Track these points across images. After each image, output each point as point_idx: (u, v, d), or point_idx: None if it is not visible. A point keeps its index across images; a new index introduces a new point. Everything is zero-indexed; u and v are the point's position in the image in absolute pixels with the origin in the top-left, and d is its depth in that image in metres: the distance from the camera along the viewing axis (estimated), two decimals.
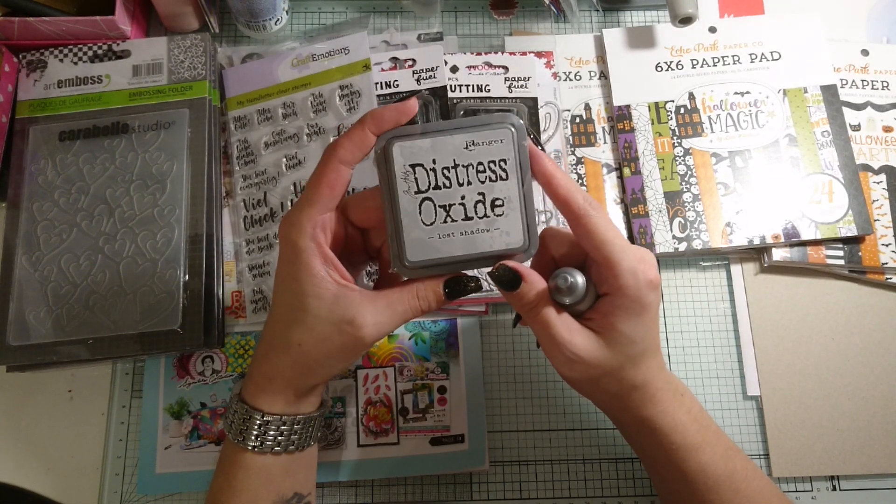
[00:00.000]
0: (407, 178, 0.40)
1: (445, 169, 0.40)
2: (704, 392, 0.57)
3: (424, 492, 0.54)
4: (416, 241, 0.40)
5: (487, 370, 0.57)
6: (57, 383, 0.56)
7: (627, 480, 0.54)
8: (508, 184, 0.40)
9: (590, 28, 0.66)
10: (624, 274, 0.39)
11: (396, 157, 0.40)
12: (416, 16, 0.66)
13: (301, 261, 0.40)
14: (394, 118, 0.40)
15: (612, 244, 0.39)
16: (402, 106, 0.40)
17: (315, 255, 0.40)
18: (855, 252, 0.58)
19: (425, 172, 0.40)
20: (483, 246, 0.40)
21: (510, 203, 0.40)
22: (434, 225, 0.40)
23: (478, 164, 0.40)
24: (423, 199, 0.40)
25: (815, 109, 0.61)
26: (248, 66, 0.62)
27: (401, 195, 0.40)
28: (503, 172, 0.40)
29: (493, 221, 0.40)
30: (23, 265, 0.55)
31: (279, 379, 0.42)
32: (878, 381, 0.56)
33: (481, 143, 0.40)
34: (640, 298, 0.40)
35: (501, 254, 0.40)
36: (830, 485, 0.55)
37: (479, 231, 0.40)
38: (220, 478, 0.44)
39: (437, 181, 0.40)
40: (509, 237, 0.40)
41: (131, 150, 0.58)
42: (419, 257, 0.40)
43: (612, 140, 0.61)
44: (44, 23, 0.58)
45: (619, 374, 0.42)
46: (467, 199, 0.40)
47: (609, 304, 0.40)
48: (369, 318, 0.40)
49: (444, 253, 0.40)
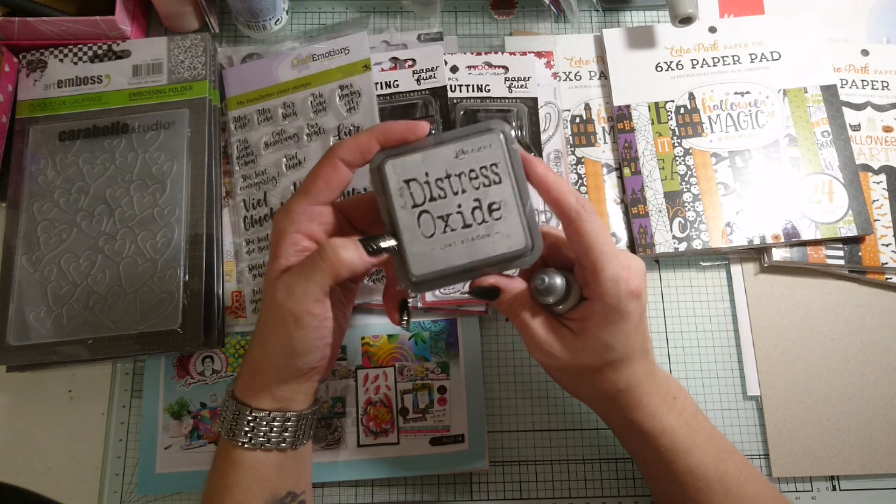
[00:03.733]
0: (402, 194, 0.40)
1: (439, 180, 0.40)
2: (704, 392, 0.57)
3: (424, 492, 0.54)
4: (418, 254, 0.40)
5: (487, 370, 0.57)
6: (57, 383, 0.56)
7: (627, 480, 0.54)
8: (503, 187, 0.40)
9: (590, 28, 0.66)
10: (606, 281, 0.39)
11: (390, 175, 0.40)
12: (416, 16, 0.66)
13: (277, 245, 0.40)
14: (402, 134, 0.40)
15: (598, 250, 0.39)
16: (414, 125, 0.41)
17: (288, 240, 0.40)
18: (855, 252, 0.58)
19: (419, 186, 0.40)
20: (486, 251, 0.40)
21: (507, 206, 0.40)
22: (434, 237, 0.40)
23: (470, 172, 0.40)
24: (421, 213, 0.40)
25: (815, 109, 0.61)
26: (248, 66, 0.62)
27: (398, 211, 0.40)
28: (496, 176, 0.40)
29: (492, 226, 0.40)
30: (23, 265, 0.55)
31: (262, 374, 0.42)
32: (878, 381, 0.56)
33: (471, 151, 0.40)
34: (620, 307, 0.40)
35: (505, 257, 0.40)
36: (830, 485, 0.55)
37: (479, 237, 0.40)
38: (214, 475, 0.44)
39: (432, 193, 0.40)
40: (510, 239, 0.40)
41: (131, 150, 0.58)
42: (424, 270, 0.40)
43: (612, 140, 0.61)
44: (44, 23, 0.58)
45: (600, 375, 0.43)
46: (464, 206, 0.40)
47: (589, 309, 0.41)
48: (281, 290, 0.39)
49: (448, 263, 0.40)
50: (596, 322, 0.40)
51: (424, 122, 0.41)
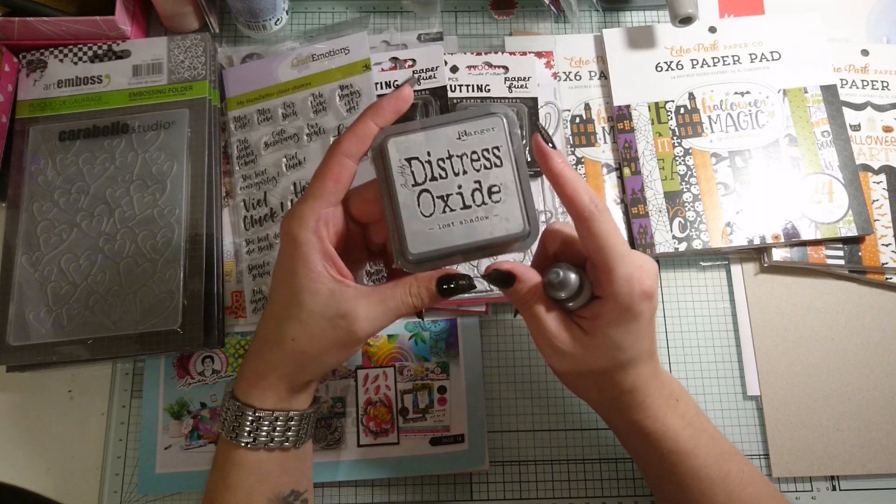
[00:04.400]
0: (403, 172, 0.40)
1: (440, 160, 0.40)
2: (704, 392, 0.57)
3: (424, 492, 0.54)
4: (416, 232, 0.40)
5: (487, 370, 0.57)
6: (57, 383, 0.56)
7: (627, 480, 0.54)
8: (503, 170, 0.40)
9: (590, 28, 0.66)
10: (618, 281, 0.39)
11: (392, 153, 0.40)
12: (416, 16, 0.66)
13: (300, 255, 0.40)
14: (393, 106, 0.40)
15: (611, 250, 0.39)
16: (399, 93, 0.40)
17: (315, 249, 0.40)
18: (855, 252, 0.58)
19: (421, 165, 0.40)
20: (484, 233, 0.40)
21: (507, 189, 0.40)
22: (433, 216, 0.40)
23: (472, 153, 0.40)
24: (421, 192, 0.40)
25: (815, 109, 0.61)
26: (248, 66, 0.62)
27: (398, 189, 0.40)
28: (497, 160, 0.40)
29: (491, 208, 0.40)
30: (23, 265, 0.55)
31: (272, 374, 0.42)
32: (878, 381, 0.56)
33: (473, 133, 0.40)
34: (632, 307, 0.39)
35: (503, 240, 0.40)
36: (830, 485, 0.55)
37: (478, 219, 0.40)
38: (215, 475, 0.43)
39: (433, 173, 0.40)
40: (509, 223, 0.40)
41: (131, 150, 0.58)
42: (421, 249, 0.40)
43: (612, 140, 0.61)
44: (44, 23, 0.58)
45: (606, 375, 0.42)
46: (464, 187, 0.40)
47: (600, 308, 0.40)
48: (362, 313, 0.40)
49: (445, 243, 0.40)
50: (607, 321, 0.40)
51: (406, 86, 0.41)
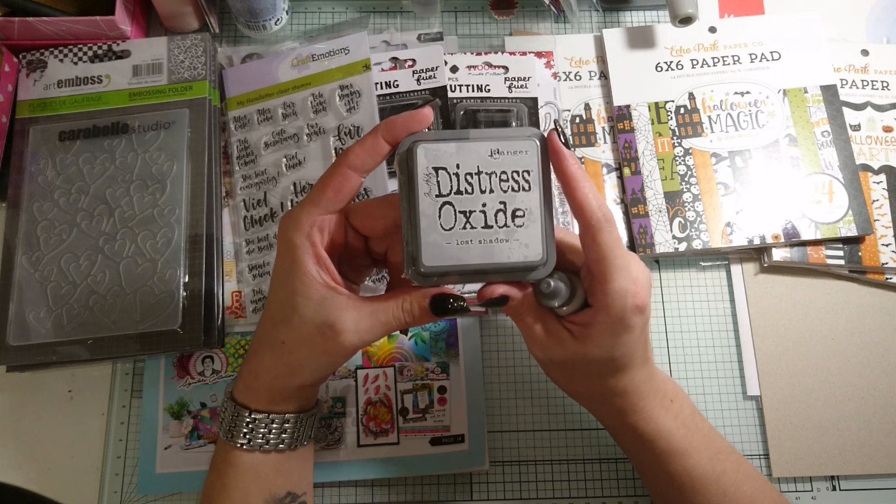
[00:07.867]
0: (429, 181, 0.39)
1: (468, 175, 0.39)
2: (704, 392, 0.57)
3: (424, 492, 0.54)
4: (432, 245, 0.39)
5: (487, 370, 0.57)
6: (57, 383, 0.56)
7: (627, 480, 0.54)
8: (531, 195, 0.39)
9: (590, 28, 0.66)
10: (613, 293, 0.39)
11: (420, 159, 0.39)
12: (416, 16, 0.66)
13: (294, 258, 0.40)
14: (406, 126, 0.39)
15: (610, 262, 0.39)
16: (417, 114, 0.39)
17: (308, 253, 0.39)
18: (855, 252, 0.58)
19: (448, 176, 0.39)
20: (501, 256, 0.39)
21: (531, 215, 0.39)
22: (453, 230, 0.39)
23: (501, 173, 0.39)
24: (444, 203, 0.39)
25: (815, 109, 0.61)
26: (248, 66, 0.62)
27: (421, 197, 0.39)
28: (526, 183, 0.39)
29: (512, 232, 0.39)
30: (23, 265, 0.55)
31: (265, 376, 0.42)
32: (878, 381, 0.56)
33: (506, 153, 0.39)
34: (624, 320, 0.39)
35: (519, 266, 0.39)
36: (830, 485, 0.55)
37: (497, 241, 0.39)
38: (213, 476, 0.44)
39: (459, 186, 0.39)
40: (528, 249, 0.39)
41: (131, 150, 0.58)
42: (434, 262, 0.39)
43: (612, 140, 0.61)
44: (44, 23, 0.58)
45: (598, 380, 0.43)
46: (488, 206, 0.39)
47: (592, 317, 0.40)
48: (350, 324, 0.39)
49: (461, 260, 0.39)
50: (598, 331, 0.40)
51: (427, 108, 0.40)
